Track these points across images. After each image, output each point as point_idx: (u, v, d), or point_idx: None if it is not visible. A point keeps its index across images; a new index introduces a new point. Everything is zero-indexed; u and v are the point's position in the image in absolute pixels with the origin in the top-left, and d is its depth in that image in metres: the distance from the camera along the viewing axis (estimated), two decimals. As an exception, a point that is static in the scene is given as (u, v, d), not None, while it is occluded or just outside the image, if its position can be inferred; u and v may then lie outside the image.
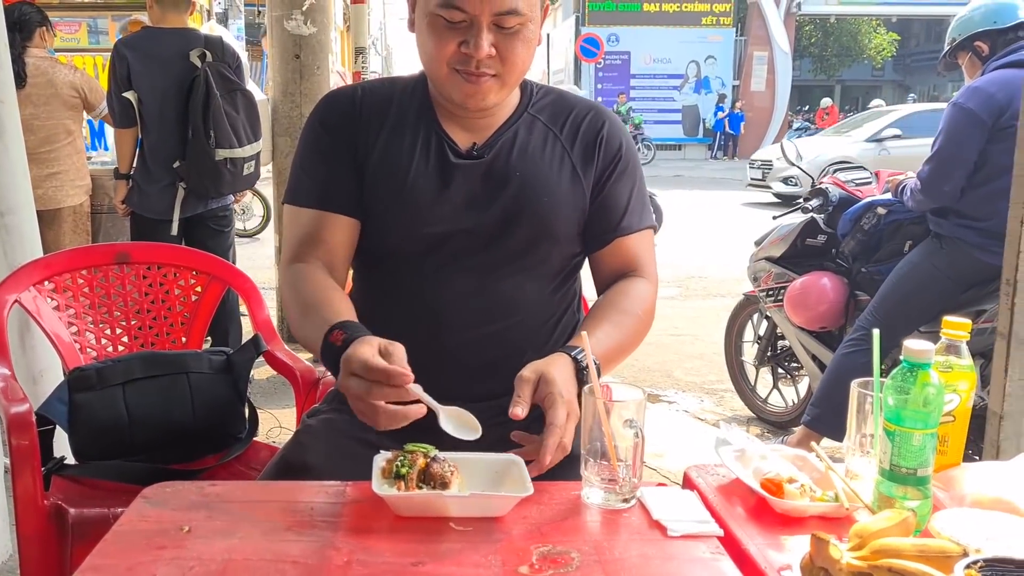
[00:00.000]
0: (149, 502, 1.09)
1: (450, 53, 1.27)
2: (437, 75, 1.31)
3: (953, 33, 2.93)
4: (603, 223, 1.40)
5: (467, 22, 1.25)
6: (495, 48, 1.26)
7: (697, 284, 6.95)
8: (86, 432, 1.69)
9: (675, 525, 1.04)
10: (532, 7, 1.27)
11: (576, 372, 1.20)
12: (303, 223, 1.38)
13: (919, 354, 1.01)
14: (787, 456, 1.20)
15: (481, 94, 1.30)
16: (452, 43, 1.26)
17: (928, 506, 1.02)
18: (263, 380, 3.88)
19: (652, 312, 1.41)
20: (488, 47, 1.25)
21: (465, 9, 1.23)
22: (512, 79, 1.32)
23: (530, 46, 1.30)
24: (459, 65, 1.28)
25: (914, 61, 32.67)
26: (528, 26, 1.28)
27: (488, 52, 1.25)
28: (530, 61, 1.32)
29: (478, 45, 1.24)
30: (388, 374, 1.07)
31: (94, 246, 2.03)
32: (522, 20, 1.26)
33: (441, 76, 1.30)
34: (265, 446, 1.88)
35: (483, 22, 1.24)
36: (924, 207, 2.84)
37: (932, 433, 1.01)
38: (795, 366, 3.65)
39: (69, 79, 3.82)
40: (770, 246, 3.54)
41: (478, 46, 1.24)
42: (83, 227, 4.02)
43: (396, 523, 1.05)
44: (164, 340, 2.01)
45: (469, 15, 1.24)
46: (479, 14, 1.23)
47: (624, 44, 21.97)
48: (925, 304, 2.82)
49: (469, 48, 1.25)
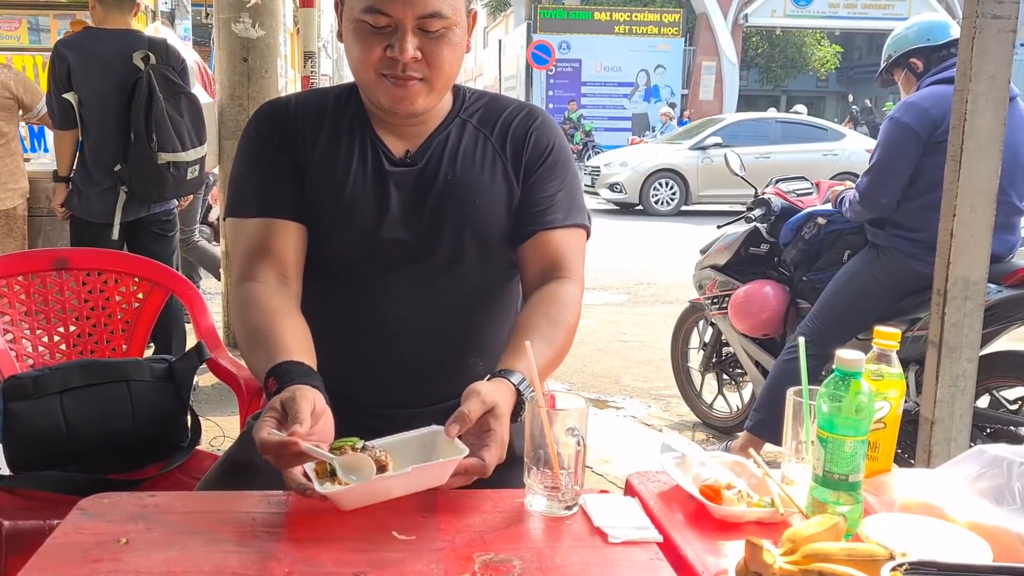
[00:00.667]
0: (85, 514, 1.07)
1: (376, 58, 1.28)
2: (365, 81, 1.32)
3: (889, 50, 3.02)
4: (526, 216, 1.39)
5: (392, 27, 1.26)
6: (420, 52, 1.27)
7: (645, 291, 7.03)
8: (22, 442, 1.66)
9: (615, 532, 1.06)
10: (457, 11, 1.28)
11: (516, 405, 1.20)
12: (249, 234, 1.37)
13: (850, 363, 1.05)
14: (726, 462, 1.23)
15: (409, 98, 1.30)
16: (378, 48, 1.27)
17: (859, 511, 1.05)
18: (207, 387, 3.82)
19: (578, 318, 1.40)
20: (413, 50, 1.26)
21: (389, 13, 1.24)
22: (439, 83, 1.32)
23: (456, 50, 1.31)
24: (386, 70, 1.28)
25: (856, 73, 33.50)
26: (454, 30, 1.29)
27: (413, 55, 1.26)
28: (458, 66, 1.33)
29: (403, 48, 1.25)
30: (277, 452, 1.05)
31: (31, 251, 1.99)
32: (447, 24, 1.27)
33: (370, 82, 1.31)
34: (208, 455, 1.86)
35: (407, 26, 1.25)
36: (862, 217, 2.92)
37: (863, 440, 1.04)
38: (739, 372, 3.71)
39: (1, 80, 3.72)
40: (715, 254, 3.60)
41: (403, 49, 1.25)
42: (19, 231, 3.91)
43: (338, 532, 1.05)
44: (104, 348, 1.97)
45: (393, 19, 1.25)
46: (403, 18, 1.24)
47: (575, 52, 22.14)
48: (863, 312, 2.90)
49: (395, 52, 1.26)
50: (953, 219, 1.89)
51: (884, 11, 22.85)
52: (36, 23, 6.46)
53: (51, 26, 6.21)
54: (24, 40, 6.36)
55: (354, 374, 1.40)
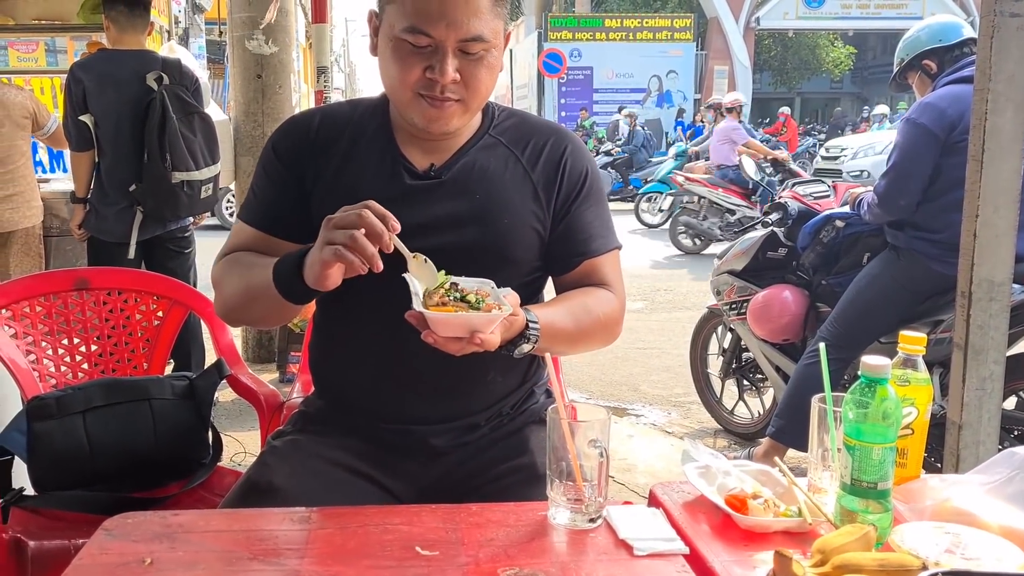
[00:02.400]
0: (110, 534, 1.07)
1: (415, 78, 1.27)
2: (401, 100, 1.32)
3: (901, 54, 3.00)
4: (569, 247, 1.40)
5: (432, 47, 1.25)
6: (459, 74, 1.27)
7: (663, 297, 7.00)
8: (46, 462, 1.66)
9: (641, 544, 1.05)
10: (496, 34, 1.28)
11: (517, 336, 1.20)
12: (245, 237, 1.40)
13: (876, 369, 1.03)
14: (751, 471, 1.21)
15: (445, 119, 1.30)
16: (417, 68, 1.26)
17: (889, 519, 1.04)
18: (227, 402, 3.83)
19: (613, 324, 1.41)
20: (453, 72, 1.26)
21: (431, 34, 1.24)
22: (475, 104, 1.32)
23: (493, 72, 1.31)
24: (423, 90, 1.28)
25: (871, 73, 33.34)
26: (492, 52, 1.29)
27: (453, 77, 1.26)
28: (492, 86, 1.33)
29: (443, 71, 1.25)
30: (383, 213, 1.12)
31: (52, 272, 2.00)
32: (487, 47, 1.27)
33: (405, 100, 1.31)
34: (230, 472, 1.86)
35: (448, 48, 1.25)
36: (881, 220, 2.90)
37: (891, 447, 1.03)
38: (760, 378, 3.69)
39: (19, 100, 3.77)
40: (732, 259, 3.58)
41: (443, 72, 1.25)
42: (35, 250, 3.95)
43: (361, 550, 1.04)
44: (125, 366, 1.98)
45: (435, 41, 1.24)
46: (445, 40, 1.24)
47: (587, 59, 22.16)
48: (884, 315, 2.87)
49: (435, 73, 1.25)
50: (976, 220, 1.87)
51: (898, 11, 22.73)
52: (53, 44, 6.53)
53: (68, 48, 6.28)
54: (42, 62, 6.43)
55: (372, 390, 1.40)
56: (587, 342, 1.39)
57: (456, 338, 1.12)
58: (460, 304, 1.13)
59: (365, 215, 1.12)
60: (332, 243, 1.12)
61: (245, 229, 1.40)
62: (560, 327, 1.29)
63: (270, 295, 1.24)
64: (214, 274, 1.40)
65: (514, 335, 1.20)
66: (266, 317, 1.41)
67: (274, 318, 1.38)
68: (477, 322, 1.12)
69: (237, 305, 1.37)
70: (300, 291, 1.21)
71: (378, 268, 1.12)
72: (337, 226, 1.13)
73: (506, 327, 1.17)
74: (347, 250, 1.11)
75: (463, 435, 1.41)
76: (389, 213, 1.13)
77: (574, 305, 1.35)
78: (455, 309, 1.12)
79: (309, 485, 1.31)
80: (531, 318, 1.22)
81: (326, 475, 1.35)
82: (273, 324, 1.47)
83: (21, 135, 3.79)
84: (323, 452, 1.37)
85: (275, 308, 1.28)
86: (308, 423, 1.45)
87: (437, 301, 1.13)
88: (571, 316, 1.33)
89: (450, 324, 1.11)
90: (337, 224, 1.13)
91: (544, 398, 1.52)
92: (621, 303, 1.42)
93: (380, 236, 1.11)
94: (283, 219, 1.38)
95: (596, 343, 1.41)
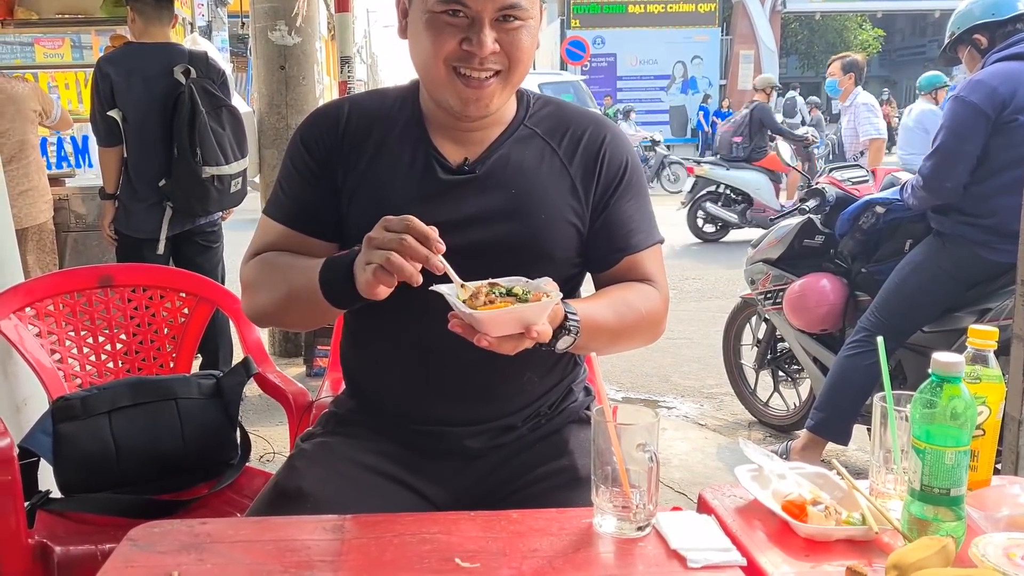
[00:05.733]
0: (135, 544, 1.03)
1: (450, 50, 1.21)
2: (435, 77, 1.25)
3: (952, 27, 2.89)
4: (610, 243, 1.33)
5: (469, 19, 1.19)
6: (498, 44, 1.20)
7: (691, 286, 6.90)
8: (72, 464, 1.63)
9: (695, 555, 0.99)
10: (533, 4, 1.23)
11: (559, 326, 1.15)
12: (273, 235, 1.34)
13: (949, 367, 0.96)
14: (807, 475, 1.15)
15: (484, 99, 1.24)
16: (453, 41, 1.20)
17: (962, 528, 0.97)
18: (254, 397, 3.80)
19: (657, 320, 1.35)
20: (492, 43, 1.19)
21: (468, 5, 1.18)
22: (516, 77, 1.26)
23: (533, 42, 1.25)
24: (460, 64, 1.21)
25: (900, 56, 32.81)
26: (530, 23, 1.23)
27: (492, 48, 1.20)
28: (532, 59, 1.28)
29: (481, 42, 1.19)
30: (426, 233, 1.06)
31: (76, 269, 1.96)
32: (525, 15, 1.21)
33: (439, 79, 1.24)
34: (258, 472, 1.82)
35: (485, 18, 1.19)
36: (926, 204, 2.79)
37: (965, 451, 0.96)
38: (796, 368, 3.60)
39: (27, 93, 3.77)
40: (767, 248, 3.49)
41: (481, 43, 1.19)
42: (50, 246, 3.95)
43: (398, 561, 0.99)
44: (152, 364, 1.94)
45: (472, 12, 1.18)
46: (482, 11, 1.18)
47: (610, 46, 21.97)
48: (929, 304, 2.78)
49: (472, 45, 1.19)
50: (1034, 204, 1.78)
51: (928, -9, 22.32)
52: (78, 40, 6.55)
53: (93, 43, 6.28)
54: (67, 57, 6.46)
55: (405, 391, 1.34)
56: (630, 338, 1.32)
57: (509, 336, 1.06)
58: (508, 299, 1.07)
59: (407, 242, 1.06)
60: (371, 263, 1.07)
61: (273, 226, 1.34)
62: (601, 321, 1.23)
63: (314, 301, 1.19)
64: (244, 275, 1.34)
65: (555, 327, 1.14)
66: (304, 322, 1.37)
67: (313, 322, 1.34)
68: (530, 313, 1.06)
69: (274, 311, 1.32)
70: (351, 300, 1.15)
71: (418, 283, 1.07)
72: (378, 247, 1.07)
73: (550, 319, 1.11)
74: (385, 272, 1.06)
75: (499, 436, 1.35)
76: (432, 233, 1.07)
77: (615, 300, 1.29)
78: (504, 305, 1.06)
79: (340, 490, 1.26)
80: (569, 309, 1.16)
81: (357, 479, 1.29)
82: (309, 328, 1.42)
83: (31, 130, 3.80)
84: (354, 455, 1.32)
85: (318, 313, 1.24)
86: (338, 424, 1.40)
87: (484, 301, 1.07)
88: (612, 311, 1.27)
89: (503, 321, 1.05)
90: (378, 245, 1.07)
91: (583, 395, 1.45)
92: (664, 299, 1.36)
93: (426, 260, 1.06)
94: (313, 216, 1.32)
95: (639, 340, 1.34)
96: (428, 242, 1.06)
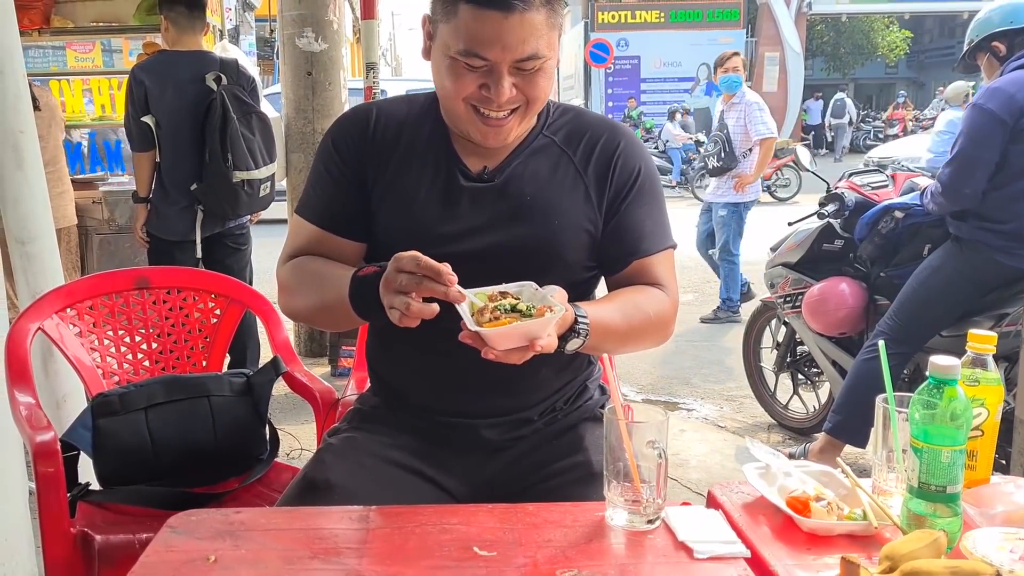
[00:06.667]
0: (175, 531, 1.09)
1: (469, 93, 1.27)
2: (456, 112, 1.31)
3: (971, 34, 2.91)
4: (621, 246, 1.38)
5: (488, 67, 1.25)
6: (515, 88, 1.26)
7: (713, 289, 6.90)
8: (110, 457, 1.71)
9: (701, 547, 1.04)
10: (551, 47, 1.27)
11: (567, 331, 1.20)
12: (305, 236, 1.41)
13: (945, 370, 1.00)
14: (812, 472, 1.19)
15: (503, 134, 1.31)
16: (472, 85, 1.26)
17: (958, 524, 1.01)
18: (280, 396, 3.88)
19: (665, 323, 1.39)
20: (509, 91, 1.25)
21: (487, 58, 1.23)
22: (532, 111, 1.32)
23: (550, 78, 1.30)
24: (479, 104, 1.28)
25: (928, 58, 32.47)
26: (547, 64, 1.28)
27: (510, 95, 1.26)
28: (550, 90, 1.32)
29: (499, 91, 1.25)
30: (437, 271, 1.11)
31: (114, 272, 2.04)
32: (542, 61, 1.26)
33: (460, 114, 1.31)
34: (286, 467, 1.89)
35: (504, 69, 1.24)
36: (945, 210, 2.81)
37: (961, 450, 1.00)
38: (815, 372, 3.62)
39: (56, 103, 3.93)
40: (786, 252, 3.52)
41: (499, 92, 1.25)
42: (75, 250, 4.07)
43: (420, 549, 1.05)
44: (185, 363, 2.02)
45: (490, 62, 1.24)
46: (500, 61, 1.23)
47: (634, 48, 21.93)
48: (946, 308, 2.80)
49: (490, 93, 1.25)
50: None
51: (957, -8, 22.05)
52: (109, 45, 6.66)
53: (123, 48, 6.40)
54: (98, 63, 6.57)
55: (427, 387, 1.40)
56: (638, 340, 1.37)
57: (515, 348, 1.12)
58: (512, 315, 1.13)
59: (424, 285, 1.12)
60: (393, 308, 1.14)
61: (305, 226, 1.41)
62: (610, 323, 1.28)
63: (344, 311, 1.26)
64: (281, 277, 1.41)
65: (564, 331, 1.19)
66: (338, 326, 1.42)
67: (346, 327, 1.40)
68: (533, 329, 1.11)
69: (308, 315, 1.41)
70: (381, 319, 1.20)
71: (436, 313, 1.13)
72: (398, 291, 1.13)
73: (558, 325, 1.17)
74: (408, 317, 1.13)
75: (516, 429, 1.41)
76: (444, 269, 1.11)
77: (624, 302, 1.34)
78: (508, 321, 1.12)
79: (365, 482, 1.32)
80: (580, 313, 1.21)
81: (381, 472, 1.36)
82: (343, 329, 1.49)
83: (62, 136, 3.94)
84: (379, 450, 1.39)
85: (351, 322, 1.31)
86: (363, 420, 1.46)
87: (489, 317, 1.12)
88: (621, 313, 1.32)
89: (507, 337, 1.11)
90: (397, 289, 1.13)
91: (598, 394, 1.51)
92: (673, 302, 1.40)
93: (444, 295, 1.12)
94: (343, 217, 1.38)
95: (647, 342, 1.39)
96: (440, 277, 1.11)
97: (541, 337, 1.12)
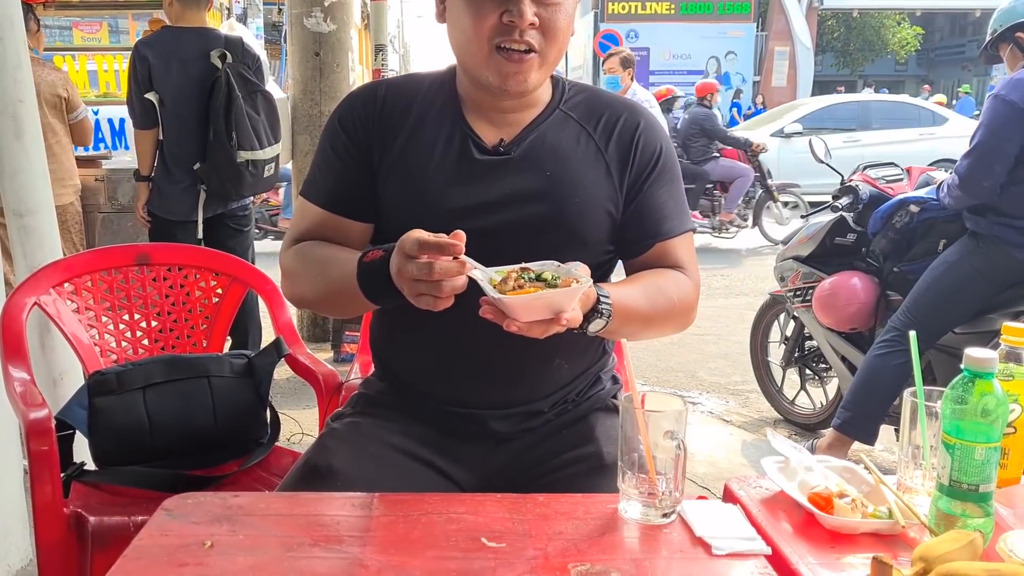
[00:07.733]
0: (171, 514, 1.05)
1: (491, 26, 1.22)
2: (476, 55, 1.26)
3: (995, 24, 2.84)
4: (642, 228, 1.33)
5: None
6: (537, 18, 1.22)
7: (719, 283, 6.87)
8: (106, 437, 1.67)
9: (720, 543, 0.99)
10: None
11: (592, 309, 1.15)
12: (311, 218, 1.36)
13: (982, 363, 0.96)
14: (834, 468, 1.15)
15: (523, 73, 1.24)
16: (493, 15, 1.21)
17: (991, 525, 0.96)
18: (282, 380, 3.85)
19: (689, 308, 1.34)
20: (531, 15, 1.21)
21: None
22: (552, 55, 1.27)
23: (570, 22, 1.26)
24: (501, 38, 1.22)
25: (938, 55, 32.30)
26: (567, 2, 1.24)
27: (531, 20, 1.21)
28: (568, 40, 1.28)
29: (521, 12, 1.20)
30: (440, 245, 1.05)
31: (114, 247, 2.00)
32: None
33: (481, 55, 1.25)
34: (287, 452, 1.84)
35: None
36: (962, 204, 2.76)
37: (996, 447, 0.95)
38: (823, 367, 3.57)
39: (50, 79, 3.82)
40: (798, 245, 3.46)
41: (521, 13, 1.20)
42: (76, 227, 4.00)
43: (426, 538, 1.00)
44: (185, 343, 1.97)
45: None
46: None
47: (643, 40, 21.80)
48: (962, 304, 2.75)
49: (512, 16, 1.20)
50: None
51: (969, -11, 21.93)
52: (115, 24, 6.63)
53: (130, 27, 6.37)
54: (105, 41, 6.53)
55: (435, 374, 1.35)
56: (661, 325, 1.32)
57: (539, 321, 1.07)
58: (537, 284, 1.08)
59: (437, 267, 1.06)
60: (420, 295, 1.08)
61: (311, 208, 1.36)
62: (632, 306, 1.23)
63: (351, 297, 1.20)
64: (284, 263, 1.36)
65: (587, 311, 1.15)
66: (344, 313, 1.38)
67: (353, 313, 1.36)
68: (559, 299, 1.06)
69: (313, 301, 1.36)
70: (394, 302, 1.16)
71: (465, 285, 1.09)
72: (415, 279, 1.07)
73: (582, 302, 1.12)
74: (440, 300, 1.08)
75: (526, 421, 1.36)
76: (444, 240, 1.06)
77: (648, 285, 1.29)
78: (533, 290, 1.06)
79: (369, 469, 1.28)
80: (602, 292, 1.17)
81: (386, 459, 1.31)
82: (348, 316, 1.45)
83: (53, 113, 3.85)
84: (383, 436, 1.34)
85: (359, 307, 1.27)
86: (368, 405, 1.42)
87: (513, 286, 1.07)
88: (645, 296, 1.27)
89: (532, 306, 1.05)
90: (414, 277, 1.07)
91: (610, 384, 1.46)
92: (696, 287, 1.36)
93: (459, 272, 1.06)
94: (349, 197, 1.33)
95: (671, 327, 1.34)
96: (445, 250, 1.05)
97: (566, 309, 1.07)
